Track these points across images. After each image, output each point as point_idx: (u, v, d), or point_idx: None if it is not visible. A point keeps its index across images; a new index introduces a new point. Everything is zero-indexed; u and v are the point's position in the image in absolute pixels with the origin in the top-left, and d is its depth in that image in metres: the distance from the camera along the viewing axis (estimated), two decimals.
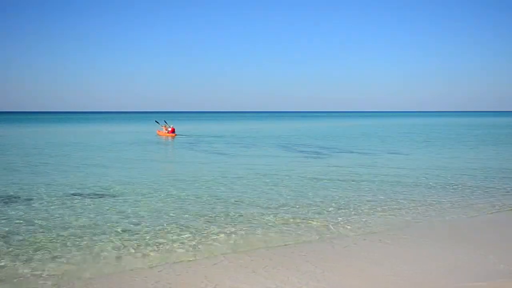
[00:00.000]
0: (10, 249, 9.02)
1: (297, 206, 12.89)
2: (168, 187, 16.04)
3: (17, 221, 11.15)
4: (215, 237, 9.91)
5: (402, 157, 26.68)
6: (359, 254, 8.80)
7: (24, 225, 10.74)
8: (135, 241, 9.56)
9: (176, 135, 46.19)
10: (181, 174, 19.40)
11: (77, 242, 9.46)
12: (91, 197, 14.09)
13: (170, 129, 47.00)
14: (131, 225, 10.79)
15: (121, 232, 10.25)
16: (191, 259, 8.49)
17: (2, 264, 8.26)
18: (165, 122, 49.86)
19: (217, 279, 7.43)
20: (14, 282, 7.46)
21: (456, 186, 16.19)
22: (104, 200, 13.65)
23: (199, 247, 9.25)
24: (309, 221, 11.25)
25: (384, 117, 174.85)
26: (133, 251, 8.99)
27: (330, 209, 12.55)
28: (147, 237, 9.85)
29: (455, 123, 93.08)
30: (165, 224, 10.88)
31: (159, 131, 48.61)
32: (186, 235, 10.00)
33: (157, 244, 9.41)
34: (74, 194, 14.55)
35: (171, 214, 11.88)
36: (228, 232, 10.30)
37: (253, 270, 7.86)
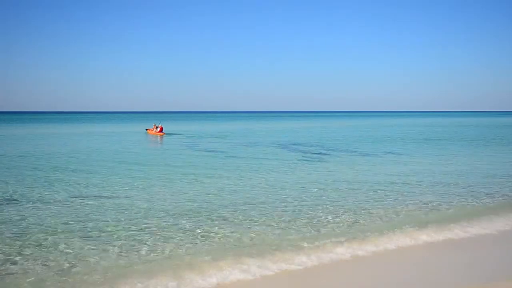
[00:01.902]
0: (11, 248, 9.12)
1: (295, 215, 12.91)
2: (164, 188, 16.11)
3: (15, 221, 11.24)
4: (209, 237, 10.01)
5: (402, 159, 26.72)
6: (361, 258, 8.87)
7: (22, 226, 10.82)
8: (136, 242, 9.67)
9: (164, 133, 50.67)
10: (180, 175, 19.47)
11: (77, 242, 9.55)
12: (90, 200, 14.16)
13: (159, 128, 51.77)
14: (133, 226, 10.89)
15: (123, 233, 10.34)
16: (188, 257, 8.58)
17: (4, 262, 8.38)
18: (160, 122, 55.93)
19: None
20: (14, 277, 7.61)
21: (456, 189, 16.23)
22: (103, 203, 13.72)
23: (192, 250, 9.32)
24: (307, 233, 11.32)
25: (384, 117, 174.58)
26: (135, 252, 9.10)
27: (329, 217, 12.54)
28: (147, 239, 9.95)
29: (456, 123, 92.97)
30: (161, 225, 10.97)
31: (149, 130, 54.19)
32: (189, 240, 10.11)
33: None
34: (74, 197, 14.62)
35: (169, 214, 11.98)
36: (217, 236, 10.36)
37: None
